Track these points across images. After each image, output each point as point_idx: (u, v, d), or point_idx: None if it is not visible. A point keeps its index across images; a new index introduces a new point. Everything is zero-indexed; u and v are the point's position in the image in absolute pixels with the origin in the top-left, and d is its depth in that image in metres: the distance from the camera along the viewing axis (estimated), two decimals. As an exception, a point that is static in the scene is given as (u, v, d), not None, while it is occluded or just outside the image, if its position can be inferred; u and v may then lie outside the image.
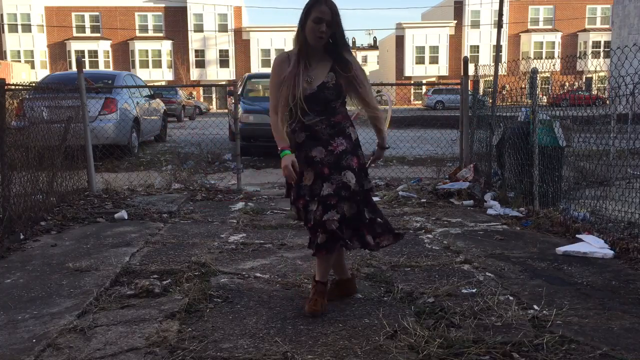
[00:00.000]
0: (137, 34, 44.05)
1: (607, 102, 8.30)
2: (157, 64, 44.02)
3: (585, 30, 45.57)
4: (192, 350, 2.48)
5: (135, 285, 3.29)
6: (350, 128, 2.94)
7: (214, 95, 44.66)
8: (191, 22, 43.82)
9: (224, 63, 44.74)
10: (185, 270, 3.62)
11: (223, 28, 44.17)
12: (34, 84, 6.54)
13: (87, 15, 43.74)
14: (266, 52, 44.32)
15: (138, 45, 43.75)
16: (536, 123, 5.38)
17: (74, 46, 43.00)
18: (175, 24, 43.81)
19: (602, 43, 42.89)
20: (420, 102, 39.08)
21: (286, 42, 44.12)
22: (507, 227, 4.90)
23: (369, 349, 2.49)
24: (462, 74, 6.98)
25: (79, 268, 3.69)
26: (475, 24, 45.49)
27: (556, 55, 43.72)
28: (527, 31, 45.80)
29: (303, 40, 2.84)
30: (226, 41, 44.38)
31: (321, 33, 2.78)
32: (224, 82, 34.97)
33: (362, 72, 2.95)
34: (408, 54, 45.93)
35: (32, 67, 39.31)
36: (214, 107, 42.40)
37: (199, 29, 43.88)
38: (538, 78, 5.49)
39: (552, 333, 2.62)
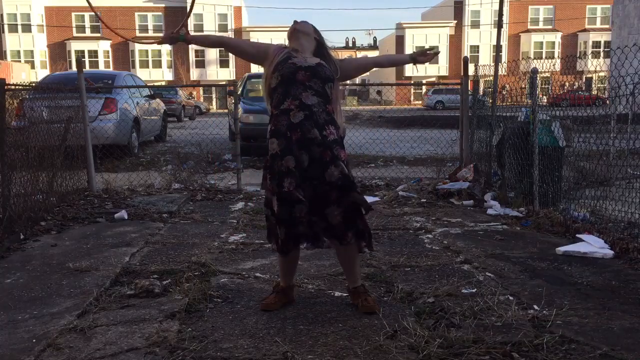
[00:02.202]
0: (137, 34, 44.02)
1: (607, 102, 8.30)
2: (157, 64, 44.01)
3: (585, 30, 45.55)
4: (192, 350, 2.48)
5: (135, 285, 3.29)
6: (337, 122, 2.97)
7: (214, 95, 44.65)
8: (191, 22, 43.75)
9: (224, 63, 44.72)
10: (185, 270, 3.62)
11: (223, 28, 44.14)
12: (34, 84, 6.54)
13: (87, 15, 43.69)
14: (266, 52, 44.28)
15: (138, 45, 43.73)
16: (536, 123, 5.38)
17: (74, 46, 42.98)
18: (175, 24, 42.58)
19: (602, 43, 42.83)
20: (420, 102, 39.06)
21: (286, 42, 43.90)
22: (507, 227, 4.90)
23: (369, 349, 2.49)
24: (462, 74, 6.98)
25: (79, 268, 3.69)
26: (475, 24, 45.47)
27: (556, 55, 43.68)
28: (527, 31, 45.78)
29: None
30: (226, 41, 44.35)
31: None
32: (224, 82, 34.95)
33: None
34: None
35: (32, 67, 39.27)
36: (214, 107, 42.38)
37: (198, 29, 43.80)
38: (538, 78, 5.49)
39: (552, 333, 2.62)
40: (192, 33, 3.12)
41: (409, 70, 45.51)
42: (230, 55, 44.40)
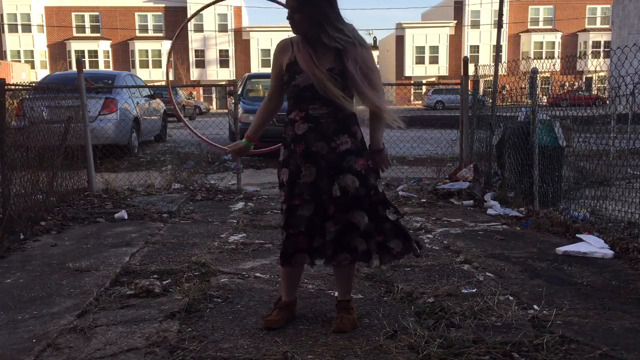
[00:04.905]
0: (137, 34, 44.04)
1: (607, 102, 8.30)
2: (157, 64, 44.00)
3: (585, 30, 45.56)
4: (192, 350, 2.48)
5: (135, 285, 3.29)
6: (355, 126, 2.68)
7: (214, 95, 44.65)
8: (191, 22, 43.81)
9: (224, 63, 44.73)
10: (185, 270, 3.62)
11: (223, 28, 44.16)
12: (34, 84, 6.54)
13: (87, 15, 43.73)
14: (266, 52, 44.28)
15: (138, 45, 43.73)
16: (536, 123, 5.38)
17: (74, 46, 42.98)
18: (175, 24, 43.76)
19: (602, 43, 42.84)
20: (420, 102, 39.07)
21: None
22: (507, 227, 4.90)
23: (369, 349, 2.49)
24: (462, 74, 6.98)
25: (79, 268, 3.69)
26: (475, 24, 45.47)
27: (556, 55, 43.69)
28: (527, 31, 45.78)
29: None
30: (226, 41, 44.37)
31: (291, 23, 2.60)
32: (224, 82, 34.92)
33: (366, 57, 2.63)
34: (408, 54, 45.90)
35: (32, 67, 39.27)
36: (214, 107, 42.39)
37: (199, 29, 43.87)
38: (538, 78, 5.49)
39: (552, 333, 2.62)
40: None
41: (409, 70, 45.64)
42: (230, 55, 44.51)
